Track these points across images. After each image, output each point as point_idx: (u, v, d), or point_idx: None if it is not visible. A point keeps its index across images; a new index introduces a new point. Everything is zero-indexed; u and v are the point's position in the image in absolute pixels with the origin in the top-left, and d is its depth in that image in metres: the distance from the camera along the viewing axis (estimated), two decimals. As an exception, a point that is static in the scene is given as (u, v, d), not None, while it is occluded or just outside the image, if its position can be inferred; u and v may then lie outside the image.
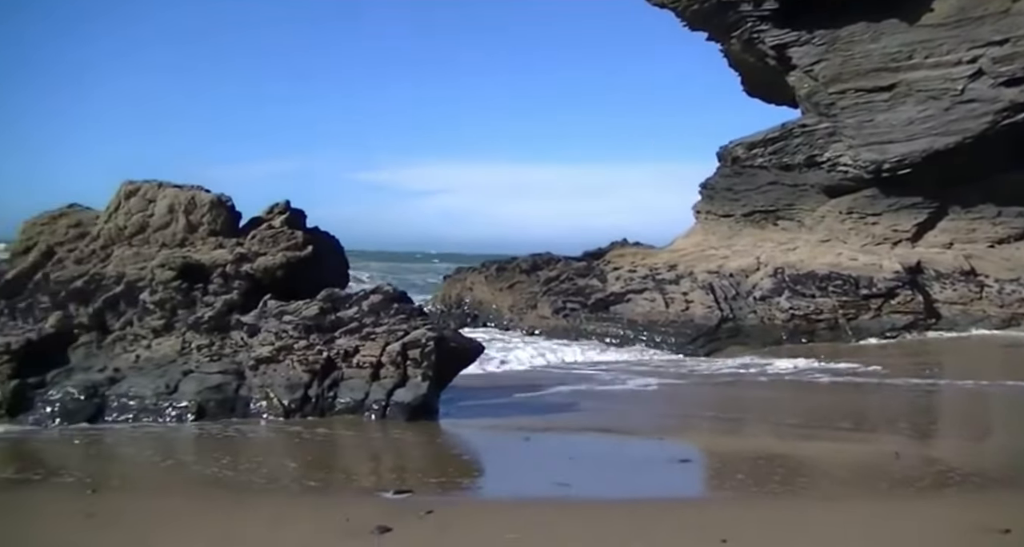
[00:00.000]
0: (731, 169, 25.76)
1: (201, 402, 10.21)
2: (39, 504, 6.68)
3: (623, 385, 14.01)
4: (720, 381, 15.10)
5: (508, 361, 16.53)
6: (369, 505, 6.49)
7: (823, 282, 21.53)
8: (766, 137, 24.91)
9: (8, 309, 11.72)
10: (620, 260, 24.44)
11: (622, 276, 23.01)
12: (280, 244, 12.92)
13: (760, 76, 26.15)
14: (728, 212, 25.68)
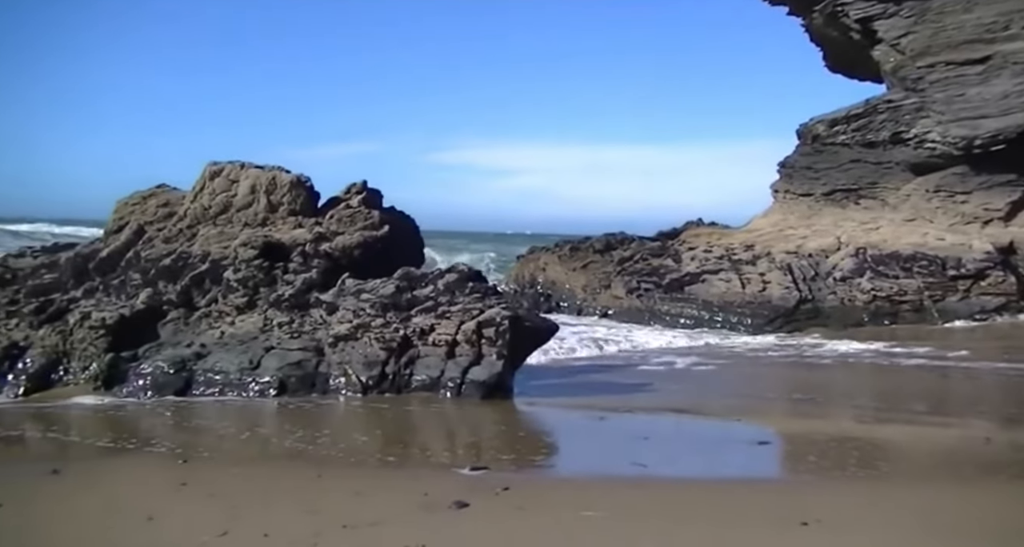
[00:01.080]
0: (811, 147, 25.09)
1: (282, 378, 10.49)
2: (135, 471, 6.99)
3: (698, 366, 13.87)
4: (798, 362, 14.81)
5: (582, 341, 16.52)
6: (446, 481, 6.59)
7: (907, 262, 20.85)
8: (849, 114, 24.16)
9: (103, 285, 12.24)
10: (695, 240, 24.10)
11: (697, 256, 22.69)
12: (357, 224, 13.17)
13: (843, 51, 25.33)
14: (808, 191, 25.04)
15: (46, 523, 5.50)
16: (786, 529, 5.29)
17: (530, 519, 5.60)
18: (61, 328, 11.17)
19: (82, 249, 13.31)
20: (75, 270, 12.64)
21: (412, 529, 5.23)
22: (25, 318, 11.33)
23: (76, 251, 13.17)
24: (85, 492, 6.31)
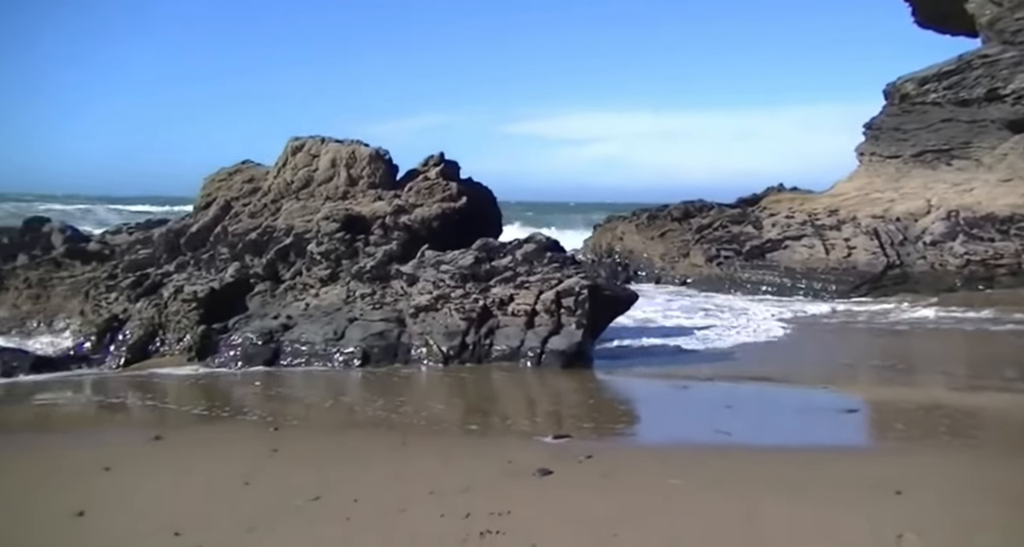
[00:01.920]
0: (899, 107, 24.13)
1: (366, 348, 10.69)
2: (229, 438, 7.26)
3: (781, 333, 13.62)
4: (885, 329, 14.39)
5: (661, 309, 16.38)
6: (529, 448, 6.64)
7: (1004, 225, 19.96)
8: (940, 71, 23.11)
9: (194, 260, 12.66)
10: (776, 206, 23.55)
11: (779, 222, 22.19)
12: (436, 195, 13.27)
13: (934, 4, 24.19)
14: (895, 153, 24.13)
15: (151, 486, 5.76)
16: (880, 497, 5.18)
17: (614, 487, 5.61)
18: (156, 301, 11.62)
19: (173, 225, 13.78)
20: (168, 245, 13.10)
21: (497, 496, 5.30)
22: (123, 292, 11.81)
23: (168, 227, 13.64)
24: (185, 457, 6.58)
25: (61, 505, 5.12)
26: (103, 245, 13.58)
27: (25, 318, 12.28)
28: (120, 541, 4.64)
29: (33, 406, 8.52)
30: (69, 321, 12.18)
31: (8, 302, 12.60)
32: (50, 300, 12.47)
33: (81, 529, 4.84)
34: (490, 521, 4.79)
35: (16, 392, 9.27)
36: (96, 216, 40.08)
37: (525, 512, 4.98)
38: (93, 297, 11.98)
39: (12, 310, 12.48)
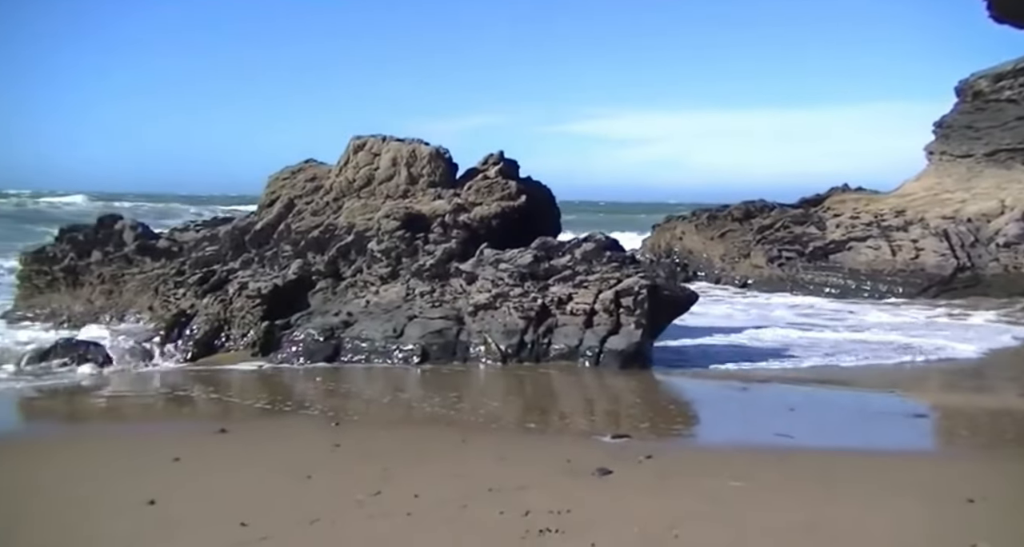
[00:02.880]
0: (972, 105, 23.41)
1: (425, 345, 10.77)
2: (292, 432, 7.38)
3: (845, 334, 13.33)
4: (954, 333, 13.98)
5: (723, 310, 16.20)
6: (588, 448, 6.63)
7: (1081, 227, 19.24)
8: (1016, 67, 22.37)
9: (258, 257, 12.90)
10: (841, 206, 23.06)
11: (843, 223, 21.73)
12: (495, 194, 13.30)
13: (1011, -2, 23.39)
14: (967, 152, 23.41)
15: (217, 477, 5.90)
16: (950, 505, 5.05)
17: (674, 488, 5.57)
18: (222, 297, 11.87)
19: (239, 222, 14.07)
20: (233, 243, 13.38)
21: (557, 494, 5.30)
22: (190, 288, 12.10)
23: (234, 225, 13.93)
24: (250, 450, 6.72)
25: (134, 493, 5.28)
26: (172, 242, 13.92)
27: (99, 312, 12.66)
28: (189, 529, 4.76)
29: (106, 398, 8.78)
30: (139, 316, 12.51)
31: (83, 297, 13.01)
32: (122, 295, 12.83)
33: (152, 517, 4.98)
34: (549, 519, 4.79)
35: (90, 384, 9.58)
36: (166, 214, 41.15)
37: (584, 511, 4.98)
38: (162, 293, 12.30)
39: (87, 305, 12.88)
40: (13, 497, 5.46)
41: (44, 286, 13.34)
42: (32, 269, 13.50)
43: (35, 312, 13.11)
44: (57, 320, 12.78)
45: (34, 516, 5.04)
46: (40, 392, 8.92)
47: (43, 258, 13.62)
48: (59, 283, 13.30)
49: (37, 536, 4.70)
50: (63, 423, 7.93)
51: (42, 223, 32.29)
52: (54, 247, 13.87)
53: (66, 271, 13.35)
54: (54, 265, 13.44)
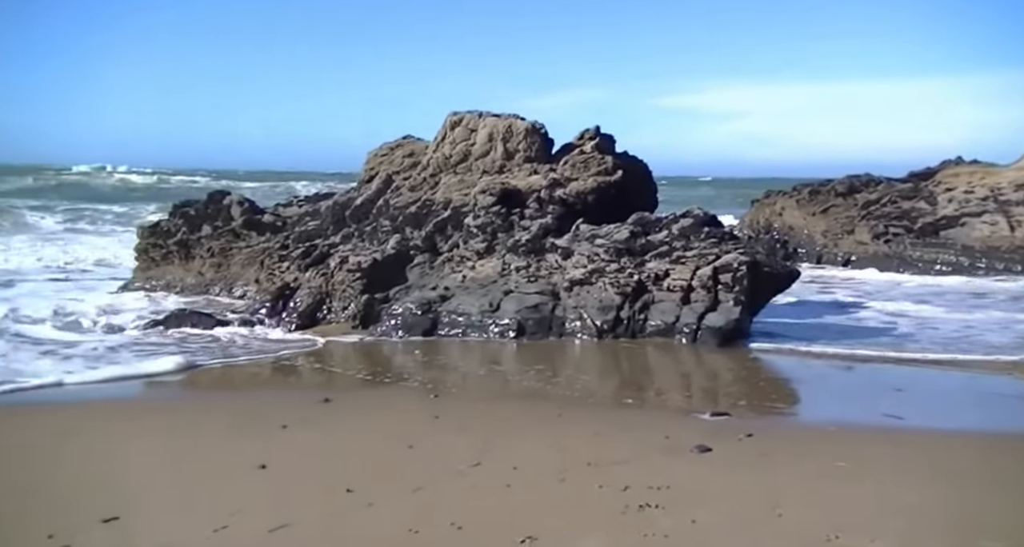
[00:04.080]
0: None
1: (521, 320, 10.84)
2: (393, 403, 7.57)
3: (957, 313, 12.76)
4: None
5: (826, 287, 15.74)
6: (686, 425, 6.58)
7: None
8: None
9: (358, 231, 13.20)
10: (954, 180, 21.98)
11: (956, 198, 20.74)
12: (591, 169, 13.22)
13: None
14: (1094, 121, 21.97)
15: (323, 445, 6.10)
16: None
17: (776, 466, 5.47)
18: (323, 271, 12.21)
19: (339, 198, 14.40)
20: (334, 217, 13.72)
21: (655, 470, 5.28)
22: (294, 262, 12.48)
23: (334, 200, 14.27)
24: (353, 420, 6.93)
25: (246, 458, 5.51)
26: (276, 217, 14.38)
27: (209, 284, 13.22)
28: (298, 494, 4.94)
29: (217, 368, 9.18)
30: (246, 288, 13.00)
31: (195, 269, 13.60)
32: (230, 268, 13.35)
33: (264, 480, 5.20)
34: (649, 495, 4.79)
35: (201, 352, 9.99)
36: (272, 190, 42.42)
37: (684, 488, 4.95)
38: (267, 266, 12.73)
39: (198, 277, 13.46)
40: (134, 459, 5.78)
41: (159, 259, 13.98)
42: (148, 243, 14.17)
43: (151, 283, 13.78)
44: (171, 291, 13.40)
45: (153, 478, 5.32)
46: (155, 359, 9.36)
47: (158, 232, 14.27)
48: (173, 256, 13.92)
49: (156, 497, 4.96)
50: (177, 389, 8.32)
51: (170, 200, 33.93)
52: (168, 222, 14.50)
53: (179, 245, 13.96)
54: (168, 239, 14.06)
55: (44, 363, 8.81)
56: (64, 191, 41.79)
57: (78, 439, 6.19)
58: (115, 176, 54.24)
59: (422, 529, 4.34)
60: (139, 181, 50.94)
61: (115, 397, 7.81)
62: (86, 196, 38.20)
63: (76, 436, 6.27)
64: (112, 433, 6.46)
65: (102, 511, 4.50)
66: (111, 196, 40.32)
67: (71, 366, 8.71)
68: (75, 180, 50.69)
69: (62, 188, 44.01)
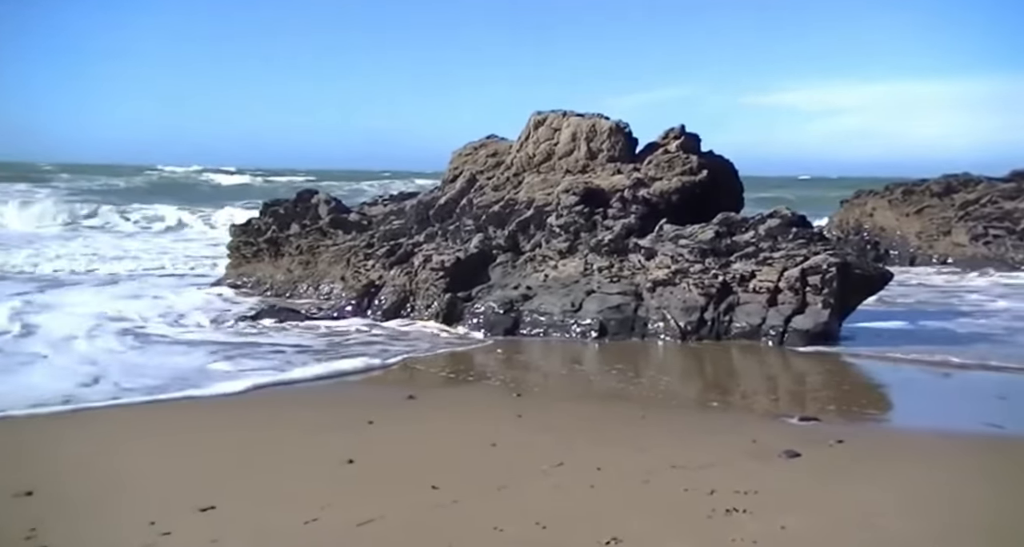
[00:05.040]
0: None
1: (603, 320, 10.79)
2: (476, 401, 7.63)
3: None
4: None
5: (922, 289, 15.19)
6: (774, 429, 6.45)
7: None
8: None
9: (441, 231, 13.34)
10: (1061, 179, 20.95)
11: (1064, 197, 19.76)
12: (675, 169, 13.05)
13: None
14: None
15: (408, 441, 6.19)
16: None
17: (869, 474, 5.31)
18: (408, 269, 12.39)
19: (423, 197, 14.58)
20: (418, 216, 13.89)
21: (742, 475, 5.19)
22: (379, 260, 12.69)
23: (418, 199, 14.46)
24: (437, 417, 7.00)
25: (335, 452, 5.63)
26: (362, 216, 14.64)
27: (297, 281, 13.56)
28: (385, 489, 5.02)
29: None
30: (332, 285, 13.29)
31: (284, 267, 13.96)
32: (317, 266, 13.66)
33: (352, 475, 5.30)
34: (735, 499, 4.70)
35: (290, 347, 10.24)
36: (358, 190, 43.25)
37: (772, 493, 4.85)
38: (353, 264, 12.97)
39: (287, 274, 13.82)
40: (232, 451, 5.96)
41: (251, 256, 14.41)
42: (240, 240, 14.61)
43: (243, 280, 14.21)
44: (261, 288, 13.80)
45: (248, 470, 5.48)
46: (245, 354, 9.64)
47: (249, 230, 14.70)
48: (263, 253, 14.33)
49: (250, 488, 5.11)
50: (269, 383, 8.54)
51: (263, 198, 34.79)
52: (259, 220, 14.93)
53: (269, 242, 14.36)
54: (259, 237, 14.48)
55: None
56: (157, 190, 43.39)
57: (183, 434, 6.43)
58: (206, 175, 56.07)
59: (507, 527, 4.36)
60: (227, 181, 52.56)
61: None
62: (180, 195, 39.53)
63: (183, 432, 6.52)
64: (215, 425, 6.69)
65: (200, 500, 4.66)
66: (205, 195, 41.69)
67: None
68: (166, 180, 52.58)
69: (156, 187, 45.72)
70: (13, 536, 4.19)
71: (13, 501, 4.71)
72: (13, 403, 6.93)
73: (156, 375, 8.18)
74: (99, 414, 6.91)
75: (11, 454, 5.83)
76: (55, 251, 19.95)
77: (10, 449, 5.94)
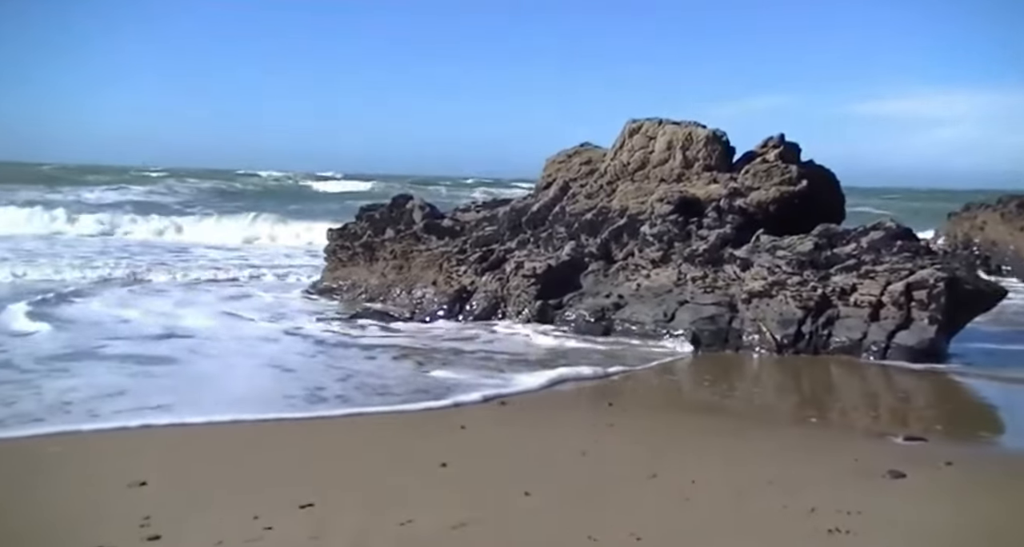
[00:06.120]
0: None
1: (696, 331, 10.63)
2: (567, 408, 7.62)
3: None
4: None
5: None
6: (876, 448, 6.22)
7: None
8: None
9: (533, 238, 13.38)
10: None
11: None
12: (773, 179, 12.78)
13: None
14: None
15: (499, 446, 6.21)
16: None
17: (980, 499, 5.07)
18: (499, 276, 12.48)
19: (516, 204, 14.66)
20: (510, 223, 13.97)
21: (844, 494, 5.02)
22: (471, 266, 12.82)
23: (511, 206, 14.54)
24: (527, 423, 7.02)
25: (429, 456, 5.69)
26: (455, 222, 14.80)
27: (391, 285, 13.79)
28: (478, 493, 5.05)
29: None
30: (425, 290, 13.45)
31: (378, 271, 14.23)
32: (410, 270, 13.86)
33: (446, 478, 5.35)
34: (838, 519, 4.55)
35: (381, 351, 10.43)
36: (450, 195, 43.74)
37: (877, 514, 4.67)
38: (446, 269, 13.13)
39: (381, 278, 14.07)
40: (332, 448, 6.11)
41: (347, 260, 14.73)
42: (336, 244, 14.96)
43: (339, 283, 14.55)
44: (356, 292, 14.10)
45: (345, 469, 5.60)
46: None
47: (346, 234, 15.04)
48: (358, 257, 14.63)
49: (347, 488, 5.22)
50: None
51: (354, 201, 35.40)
52: (355, 225, 15.26)
53: (364, 247, 14.65)
54: (355, 241, 14.79)
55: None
56: (253, 195, 44.74)
57: (285, 435, 6.62)
58: (303, 181, 57.50)
59: (600, 537, 4.33)
60: (322, 187, 53.72)
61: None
62: (282, 200, 40.65)
63: (286, 433, 6.71)
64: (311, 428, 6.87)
65: (300, 497, 4.78)
66: (303, 199, 42.80)
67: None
68: (263, 185, 54.14)
69: (253, 192, 47.18)
70: (128, 524, 4.38)
71: (128, 490, 4.93)
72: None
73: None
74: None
75: (125, 449, 6.11)
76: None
77: (121, 443, 6.23)
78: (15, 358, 8.71)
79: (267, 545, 4.21)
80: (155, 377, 8.19)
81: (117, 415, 6.69)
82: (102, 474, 5.31)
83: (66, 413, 6.74)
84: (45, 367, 8.34)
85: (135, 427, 6.44)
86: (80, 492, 5.01)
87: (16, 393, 7.26)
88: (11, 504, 4.81)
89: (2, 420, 6.45)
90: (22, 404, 6.94)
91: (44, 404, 6.96)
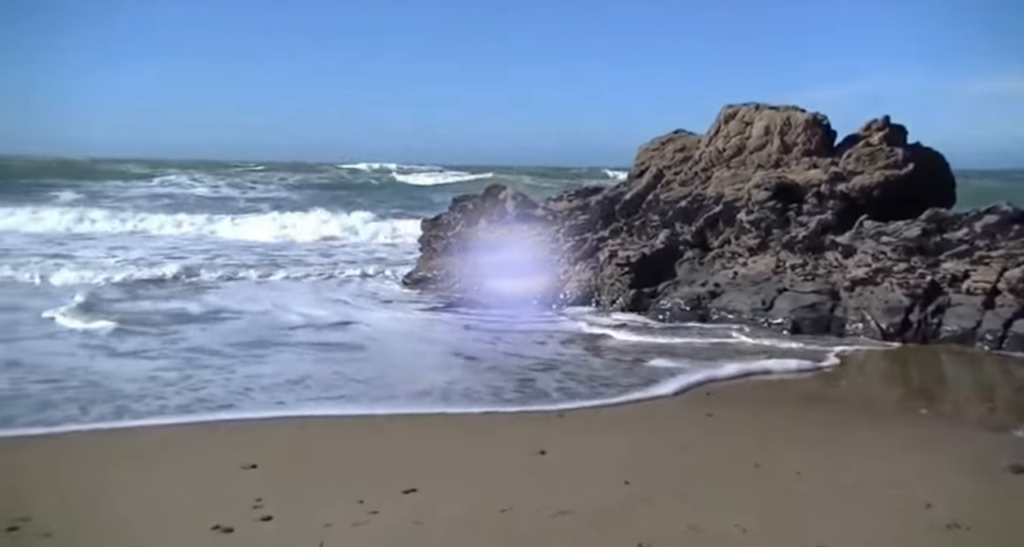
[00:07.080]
0: None
1: (795, 319, 10.37)
2: (667, 400, 7.49)
3: None
4: None
5: None
6: (995, 441, 5.96)
7: None
8: None
9: (627, 226, 13.26)
10: None
11: None
12: (877, 163, 12.32)
13: None
14: None
15: (596, 434, 6.19)
16: None
17: (1112, 498, 4.79)
18: (593, 265, 12.42)
19: (609, 192, 14.54)
20: (603, 212, 13.86)
21: (961, 489, 4.83)
22: (563, 255, 12.80)
23: (604, 194, 14.43)
24: (627, 414, 6.95)
25: (527, 445, 5.71)
26: (547, 211, 14.78)
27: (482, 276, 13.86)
28: (579, 481, 5.05)
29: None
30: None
31: (470, 261, 14.33)
32: (504, 260, 13.92)
33: (544, 466, 5.37)
34: (955, 514, 4.36)
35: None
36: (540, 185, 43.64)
37: (998, 510, 4.48)
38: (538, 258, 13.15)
39: (473, 268, 14.17)
40: (436, 438, 6.21)
41: (440, 250, 14.90)
42: (430, 235, 15.15)
43: (432, 273, 14.72)
44: (450, 281, 14.24)
45: (447, 457, 5.68)
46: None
47: (439, 225, 15.21)
48: (452, 247, 14.77)
49: (449, 474, 5.29)
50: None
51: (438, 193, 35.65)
52: (448, 215, 15.41)
53: (457, 237, 14.79)
54: (448, 231, 14.94)
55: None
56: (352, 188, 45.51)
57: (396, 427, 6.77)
58: (390, 174, 58.09)
59: (705, 528, 4.27)
60: (414, 180, 54.20)
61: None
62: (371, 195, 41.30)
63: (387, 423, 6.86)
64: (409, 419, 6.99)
65: (404, 483, 4.87)
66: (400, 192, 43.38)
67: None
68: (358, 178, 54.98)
69: (352, 185, 48.04)
70: (242, 504, 4.55)
71: (241, 472, 5.13)
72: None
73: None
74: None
75: (240, 438, 6.34)
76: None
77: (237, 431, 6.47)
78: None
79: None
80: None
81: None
82: (217, 460, 5.54)
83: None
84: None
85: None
86: (196, 476, 5.23)
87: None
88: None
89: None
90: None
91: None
